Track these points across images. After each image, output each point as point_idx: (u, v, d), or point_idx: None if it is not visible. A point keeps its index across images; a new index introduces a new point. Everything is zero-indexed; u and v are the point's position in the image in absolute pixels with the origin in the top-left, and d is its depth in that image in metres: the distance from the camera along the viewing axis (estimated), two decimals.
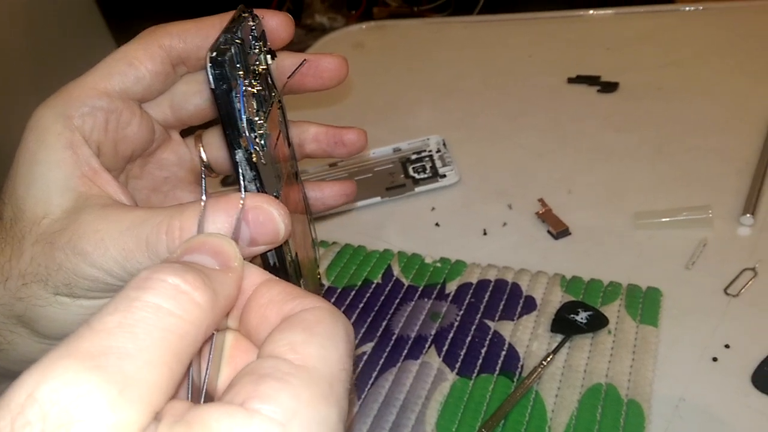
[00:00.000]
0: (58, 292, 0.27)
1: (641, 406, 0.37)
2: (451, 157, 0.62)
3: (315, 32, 1.57)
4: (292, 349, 0.19)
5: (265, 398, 0.17)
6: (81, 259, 0.26)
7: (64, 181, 0.28)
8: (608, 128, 0.64)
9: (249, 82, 0.27)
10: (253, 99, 0.27)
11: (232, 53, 0.25)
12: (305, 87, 0.34)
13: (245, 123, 0.26)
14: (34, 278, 0.27)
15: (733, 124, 0.61)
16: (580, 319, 0.43)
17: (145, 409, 0.16)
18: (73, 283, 0.27)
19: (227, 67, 0.25)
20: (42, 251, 0.27)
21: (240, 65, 0.26)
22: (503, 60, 0.81)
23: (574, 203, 0.55)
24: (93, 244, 0.26)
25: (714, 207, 0.50)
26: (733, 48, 0.74)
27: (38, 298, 0.27)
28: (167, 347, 0.17)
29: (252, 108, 0.27)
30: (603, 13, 0.87)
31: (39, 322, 0.28)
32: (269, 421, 0.17)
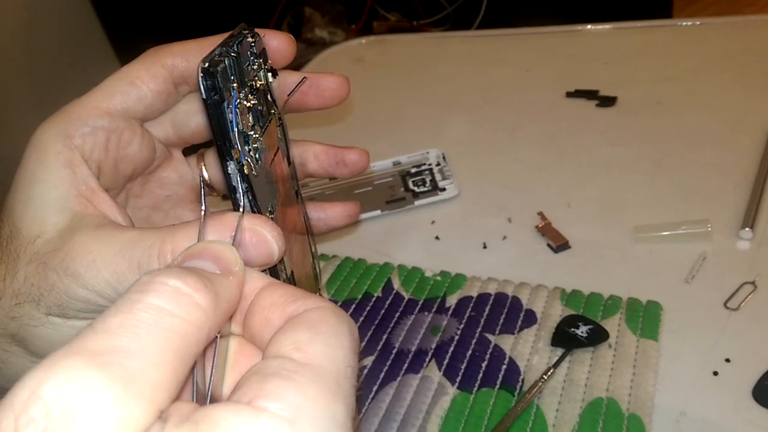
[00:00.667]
0: (50, 313, 0.27)
1: (642, 421, 0.37)
2: (450, 170, 0.62)
3: (315, 46, 1.58)
4: (297, 348, 0.19)
5: (271, 396, 0.17)
6: (73, 280, 0.26)
7: (60, 201, 0.28)
8: (607, 142, 0.65)
9: (244, 96, 0.27)
10: (249, 113, 0.27)
11: (225, 65, 0.26)
12: (307, 105, 0.34)
13: (237, 135, 0.26)
14: (27, 298, 0.27)
15: (731, 137, 0.62)
16: (581, 332, 0.43)
17: (150, 407, 0.16)
18: (65, 304, 0.27)
19: (219, 78, 0.25)
20: (35, 271, 0.27)
21: (234, 78, 0.26)
22: (502, 74, 0.82)
23: (573, 217, 0.55)
24: (85, 266, 0.26)
25: (713, 221, 0.50)
26: (730, 62, 0.75)
27: (31, 318, 0.27)
28: (170, 347, 0.17)
29: (247, 122, 0.27)
30: (601, 27, 0.88)
31: (32, 342, 0.28)
32: (277, 419, 0.17)
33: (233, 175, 0.26)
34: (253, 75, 0.29)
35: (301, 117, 0.36)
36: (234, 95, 0.26)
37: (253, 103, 0.27)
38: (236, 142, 0.26)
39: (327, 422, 0.18)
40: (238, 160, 0.26)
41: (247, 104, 0.27)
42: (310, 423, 0.17)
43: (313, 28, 1.66)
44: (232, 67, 0.26)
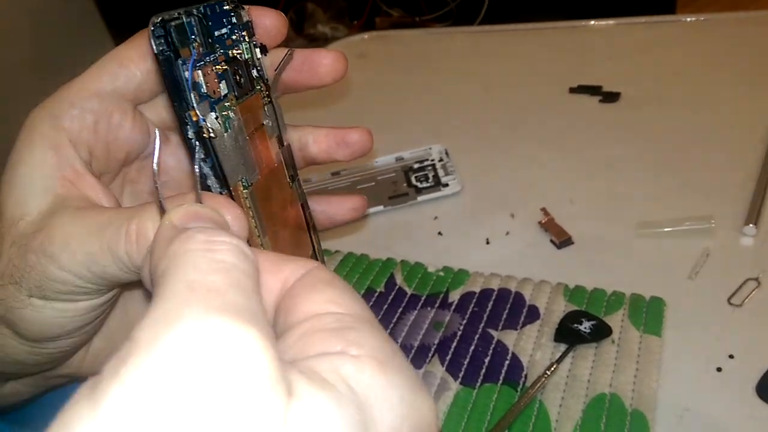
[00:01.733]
0: (31, 294, 0.27)
1: (645, 416, 0.37)
2: (453, 166, 0.62)
3: (317, 42, 1.58)
4: (336, 303, 0.20)
5: (358, 345, 0.18)
6: (50, 261, 0.26)
7: (42, 182, 0.27)
8: (610, 138, 0.65)
9: (213, 60, 0.26)
10: (220, 80, 0.26)
11: (183, 22, 0.25)
12: (301, 83, 0.32)
13: (196, 96, 0.25)
14: (10, 280, 0.27)
15: (735, 133, 0.62)
16: (584, 328, 0.43)
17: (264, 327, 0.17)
18: (44, 285, 0.26)
19: (174, 34, 0.24)
20: (17, 253, 0.27)
21: (196, 38, 0.25)
22: (505, 70, 0.82)
23: (576, 212, 0.55)
24: (61, 247, 0.26)
25: (717, 217, 0.50)
26: (734, 58, 0.74)
27: (15, 300, 0.27)
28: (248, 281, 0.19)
29: (214, 87, 0.26)
30: (604, 23, 0.87)
31: (19, 324, 0.28)
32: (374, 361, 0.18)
33: (192, 140, 0.25)
34: (230, 44, 0.28)
35: (300, 109, 0.35)
36: (194, 53, 0.25)
37: (225, 69, 0.26)
38: (194, 104, 0.25)
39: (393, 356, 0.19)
40: (197, 123, 0.25)
41: (215, 68, 0.26)
42: (389, 359, 0.18)
43: (315, 23, 1.65)
44: (193, 26, 0.25)
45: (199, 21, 0.26)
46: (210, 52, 0.26)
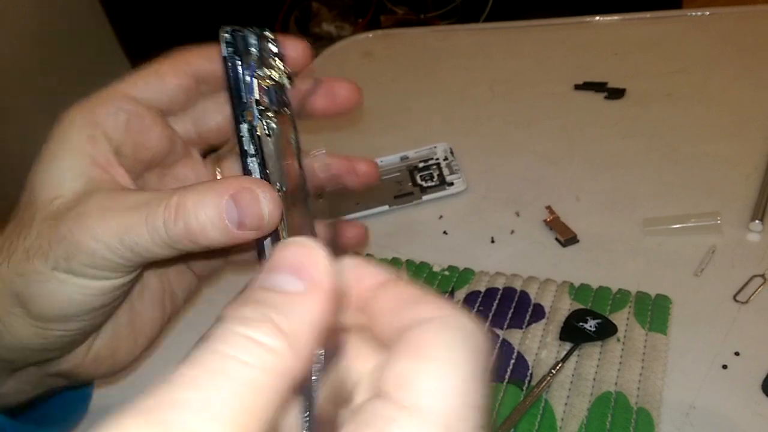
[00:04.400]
0: (56, 267, 0.28)
1: (651, 414, 0.37)
2: (458, 164, 0.62)
3: (322, 41, 1.58)
4: (399, 386, 0.16)
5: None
6: (83, 231, 0.27)
7: (78, 167, 0.29)
8: (615, 135, 0.64)
9: (263, 75, 0.28)
10: (265, 94, 0.29)
11: (246, 35, 0.28)
12: (318, 110, 0.34)
13: (253, 98, 0.27)
14: (36, 252, 0.28)
15: (741, 129, 0.61)
16: (589, 327, 0.43)
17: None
18: (72, 256, 0.27)
19: (240, 41, 0.27)
20: (48, 226, 0.28)
21: (255, 53, 0.28)
22: (509, 67, 0.81)
23: (581, 210, 0.55)
24: (96, 218, 0.27)
25: (723, 213, 0.50)
26: (740, 53, 0.74)
27: (38, 273, 0.28)
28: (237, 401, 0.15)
29: (263, 98, 0.28)
30: (609, 19, 0.87)
31: (35, 300, 0.28)
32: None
33: (245, 138, 0.27)
34: (271, 68, 0.30)
35: None
36: (252, 64, 0.28)
37: (269, 85, 0.29)
38: (251, 105, 0.27)
39: None
40: (251, 122, 0.27)
41: (263, 83, 0.28)
42: None
43: (320, 22, 1.65)
44: (255, 45, 0.29)
45: (258, 38, 0.29)
46: (260, 66, 0.29)
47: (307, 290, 0.18)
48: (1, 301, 0.29)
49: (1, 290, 0.29)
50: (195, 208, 0.26)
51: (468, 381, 0.16)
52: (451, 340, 0.17)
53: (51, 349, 0.31)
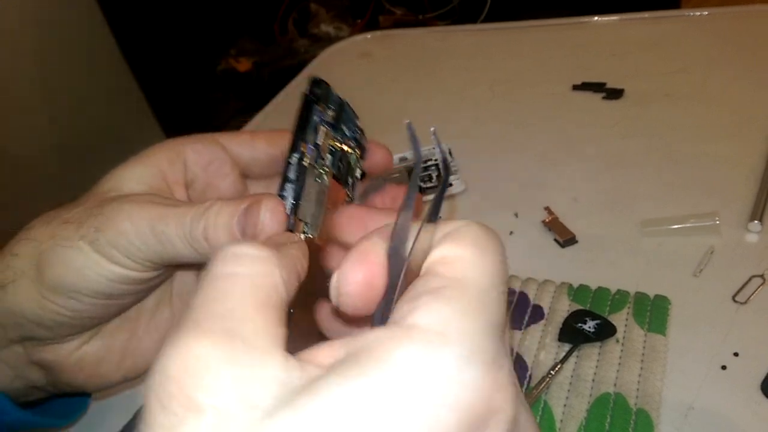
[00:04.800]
0: (84, 237, 0.29)
1: (650, 415, 0.37)
2: (457, 165, 0.62)
3: (321, 42, 1.58)
4: (444, 262, 0.20)
5: (420, 313, 0.18)
6: (120, 210, 0.29)
7: (146, 177, 0.32)
8: (614, 135, 0.64)
9: (329, 131, 0.31)
10: (329, 152, 0.31)
11: (331, 90, 0.31)
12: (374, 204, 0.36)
13: (313, 139, 0.30)
14: (73, 219, 0.30)
15: (740, 129, 0.61)
16: (588, 328, 0.43)
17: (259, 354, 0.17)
18: (102, 229, 0.29)
19: (324, 93, 0.31)
20: (93, 203, 0.30)
21: (332, 111, 0.31)
22: (508, 68, 0.81)
23: (580, 211, 0.55)
24: (136, 204, 0.29)
25: (721, 214, 0.50)
26: (739, 53, 0.74)
27: (65, 239, 0.29)
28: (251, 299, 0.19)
29: (325, 146, 0.31)
30: (608, 19, 0.87)
31: (52, 266, 0.29)
32: (428, 333, 0.17)
33: (292, 166, 0.29)
34: (343, 140, 0.32)
35: None
36: (324, 116, 0.31)
37: (341, 149, 0.32)
38: (309, 141, 0.30)
39: (476, 332, 0.18)
40: (304, 153, 0.29)
41: (331, 142, 0.31)
42: (459, 334, 0.17)
43: (318, 23, 1.65)
44: (335, 103, 0.32)
45: (340, 103, 0.32)
46: (334, 128, 0.31)
47: None
48: (22, 261, 0.30)
49: (29, 251, 0.30)
50: (216, 213, 0.28)
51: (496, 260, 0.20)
52: (484, 234, 0.21)
53: (44, 326, 0.31)
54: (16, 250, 0.31)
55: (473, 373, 0.17)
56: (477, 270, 0.20)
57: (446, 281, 0.19)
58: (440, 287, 0.19)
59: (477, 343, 0.18)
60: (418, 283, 0.20)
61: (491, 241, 0.21)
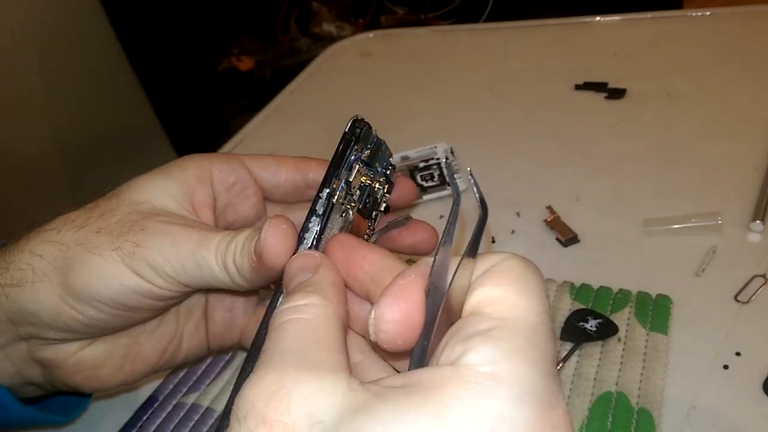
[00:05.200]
0: (118, 249, 0.29)
1: (652, 415, 0.37)
2: (458, 164, 0.62)
3: (323, 41, 1.58)
4: (491, 303, 0.20)
5: (471, 354, 0.19)
6: (164, 232, 0.30)
7: (177, 195, 0.32)
8: (616, 135, 0.64)
9: (363, 168, 0.32)
10: (359, 189, 0.32)
11: (371, 131, 0.32)
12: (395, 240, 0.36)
13: (346, 176, 0.31)
14: (109, 231, 0.30)
15: (742, 129, 0.61)
16: (590, 326, 0.43)
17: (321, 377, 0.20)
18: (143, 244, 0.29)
19: (363, 131, 0.32)
20: (132, 219, 0.30)
21: (369, 150, 0.32)
22: (510, 67, 0.81)
23: (582, 210, 0.55)
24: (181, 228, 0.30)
25: (723, 213, 0.50)
26: (741, 53, 0.74)
27: (96, 247, 0.30)
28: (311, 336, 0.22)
29: (357, 184, 0.32)
30: (610, 19, 0.87)
31: (78, 272, 0.30)
32: (479, 374, 0.18)
33: (321, 200, 0.30)
34: (374, 177, 0.33)
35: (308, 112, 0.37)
36: (360, 154, 0.32)
37: (371, 185, 0.33)
38: (341, 178, 0.31)
39: (527, 372, 0.18)
40: (334, 190, 0.30)
41: (360, 179, 0.32)
42: (510, 374, 0.18)
43: (320, 22, 1.65)
44: (374, 143, 0.33)
45: (377, 143, 0.33)
46: (368, 166, 0.32)
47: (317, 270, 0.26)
48: (45, 264, 0.30)
49: (54, 253, 0.30)
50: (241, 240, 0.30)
51: (540, 294, 0.21)
52: (524, 270, 0.21)
53: (57, 329, 0.31)
54: (39, 251, 0.30)
55: (526, 414, 0.17)
56: (524, 308, 0.20)
57: (495, 322, 0.20)
58: (490, 328, 0.19)
59: (528, 383, 0.18)
60: (468, 324, 0.20)
61: (532, 275, 0.21)
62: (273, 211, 0.37)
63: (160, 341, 0.35)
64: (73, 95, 1.56)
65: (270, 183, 0.35)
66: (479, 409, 0.17)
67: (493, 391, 0.18)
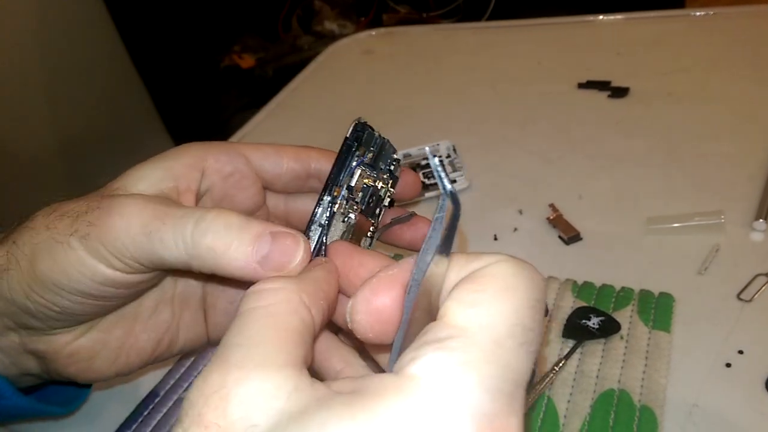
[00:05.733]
0: (75, 233, 0.29)
1: (654, 412, 0.37)
2: (461, 162, 0.62)
3: (325, 39, 1.58)
4: (459, 306, 0.19)
5: (419, 363, 0.18)
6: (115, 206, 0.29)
7: (159, 181, 0.31)
8: (619, 133, 0.64)
9: (366, 171, 0.31)
10: (360, 191, 0.32)
11: (375, 137, 0.32)
12: (396, 235, 0.36)
13: (347, 182, 0.30)
14: (70, 214, 0.29)
15: (744, 128, 0.61)
16: (592, 324, 0.43)
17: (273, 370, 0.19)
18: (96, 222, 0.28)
19: (365, 135, 0.31)
20: (94, 196, 0.30)
21: (373, 151, 0.32)
22: (513, 66, 0.81)
23: (585, 208, 0.55)
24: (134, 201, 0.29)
25: (726, 212, 0.50)
26: (744, 52, 0.74)
27: (58, 233, 0.29)
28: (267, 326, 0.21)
29: (359, 187, 0.31)
30: (613, 18, 0.87)
31: (41, 260, 0.29)
32: (422, 387, 0.17)
33: (323, 207, 0.30)
34: (378, 176, 0.33)
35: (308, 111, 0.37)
36: (364, 159, 0.31)
37: (372, 186, 0.32)
38: (343, 184, 0.30)
39: (473, 388, 0.17)
40: (335, 197, 0.30)
41: (363, 181, 0.32)
42: (451, 390, 0.17)
43: (322, 20, 1.65)
44: (377, 144, 0.32)
45: (381, 144, 0.32)
46: (372, 167, 0.32)
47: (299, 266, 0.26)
48: (19, 250, 0.30)
49: (26, 240, 0.30)
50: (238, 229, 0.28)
51: (520, 305, 0.19)
52: (512, 275, 0.20)
53: (35, 317, 0.31)
54: (15, 238, 0.30)
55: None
56: (492, 317, 0.18)
57: (454, 330, 0.18)
58: (447, 337, 0.18)
59: (472, 402, 0.17)
60: (430, 329, 0.19)
61: (522, 283, 0.19)
62: (273, 201, 0.36)
63: (155, 332, 0.35)
64: (75, 92, 1.56)
65: (270, 174, 0.34)
66: (410, 426, 0.16)
67: (430, 407, 0.17)
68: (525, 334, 0.19)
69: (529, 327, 0.19)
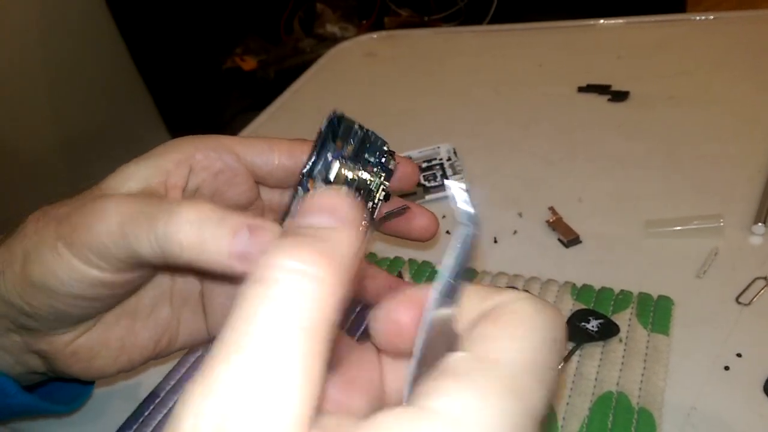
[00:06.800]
0: (60, 237, 0.29)
1: (652, 415, 0.37)
2: (461, 165, 0.63)
3: (326, 42, 1.58)
4: (479, 340, 0.19)
5: (440, 395, 0.17)
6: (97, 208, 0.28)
7: (146, 177, 0.31)
8: (619, 137, 0.64)
9: (348, 166, 0.31)
10: (345, 183, 0.31)
11: (353, 126, 0.31)
12: (393, 228, 0.35)
13: (323, 175, 0.30)
14: (56, 219, 0.29)
15: (744, 132, 0.61)
16: (591, 327, 0.43)
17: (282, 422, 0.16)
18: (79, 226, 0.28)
19: (343, 129, 0.30)
20: (79, 199, 0.30)
21: (352, 145, 0.31)
22: (514, 69, 0.82)
23: (584, 211, 0.55)
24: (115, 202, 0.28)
25: (725, 215, 0.50)
26: (744, 56, 0.74)
27: (46, 238, 0.29)
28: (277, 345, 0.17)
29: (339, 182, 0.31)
30: (613, 22, 0.87)
31: (32, 264, 0.29)
32: (441, 418, 0.16)
33: (297, 198, 0.30)
34: (367, 169, 0.32)
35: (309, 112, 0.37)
36: (341, 152, 0.31)
37: (353, 179, 0.32)
38: (318, 178, 0.30)
39: (498, 422, 0.17)
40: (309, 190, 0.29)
41: (347, 173, 0.31)
42: (477, 422, 0.16)
43: (324, 23, 1.66)
44: (356, 134, 0.31)
45: (362, 136, 0.32)
46: (354, 160, 0.31)
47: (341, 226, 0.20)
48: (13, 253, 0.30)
49: (18, 244, 0.30)
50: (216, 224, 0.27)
51: (541, 344, 0.19)
52: (533, 313, 0.19)
53: (32, 318, 0.31)
54: (9, 243, 0.31)
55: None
56: (513, 353, 0.18)
57: (474, 364, 0.18)
58: (466, 370, 0.18)
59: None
60: (451, 360, 0.18)
61: (543, 321, 0.19)
62: (267, 195, 0.36)
63: (155, 329, 0.35)
64: (77, 93, 1.56)
65: (263, 170, 0.34)
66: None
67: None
68: (544, 372, 0.18)
69: (548, 366, 0.19)
